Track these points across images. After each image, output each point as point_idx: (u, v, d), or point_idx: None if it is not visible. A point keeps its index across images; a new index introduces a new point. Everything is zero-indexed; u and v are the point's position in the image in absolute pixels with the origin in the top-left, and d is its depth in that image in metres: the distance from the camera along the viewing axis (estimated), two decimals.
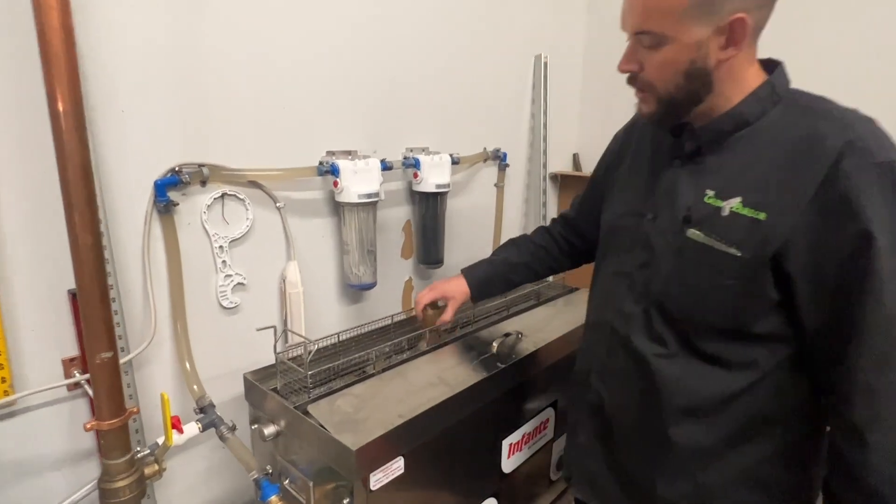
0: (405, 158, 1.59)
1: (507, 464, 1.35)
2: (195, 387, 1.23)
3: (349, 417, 1.02)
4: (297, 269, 1.40)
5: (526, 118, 2.12)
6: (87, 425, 0.94)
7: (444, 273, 1.85)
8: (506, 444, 1.32)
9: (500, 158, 1.98)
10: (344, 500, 0.98)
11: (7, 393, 1.02)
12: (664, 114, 0.79)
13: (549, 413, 1.47)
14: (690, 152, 0.80)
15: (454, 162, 1.68)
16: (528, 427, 1.39)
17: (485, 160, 1.93)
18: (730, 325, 0.76)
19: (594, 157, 2.27)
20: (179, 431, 1.11)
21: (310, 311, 1.44)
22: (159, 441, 1.09)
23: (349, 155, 1.42)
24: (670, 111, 0.78)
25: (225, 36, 1.20)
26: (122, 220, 1.13)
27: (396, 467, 1.02)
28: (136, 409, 1.00)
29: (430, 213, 1.66)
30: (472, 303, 1.27)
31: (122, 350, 1.13)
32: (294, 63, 1.33)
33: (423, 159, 1.58)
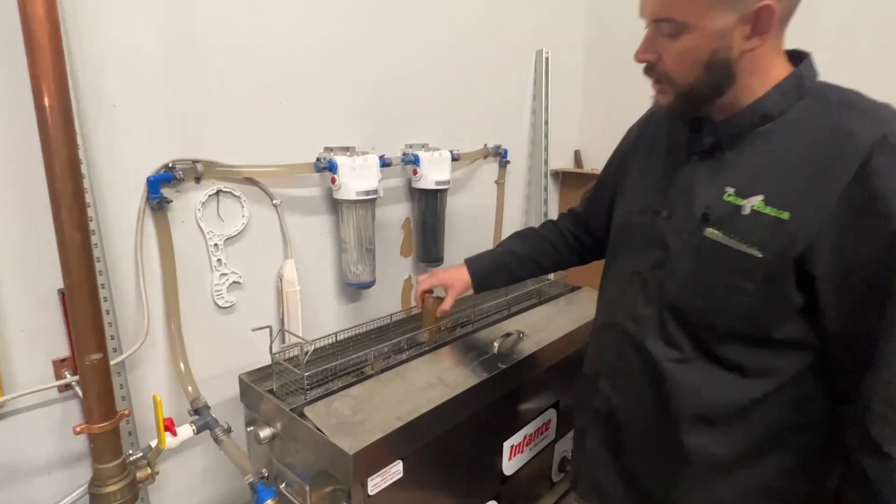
0: (404, 155, 1.57)
1: (509, 466, 1.32)
2: (190, 388, 1.21)
3: (346, 420, 0.99)
4: (295, 268, 1.37)
5: (527, 114, 2.09)
6: (77, 429, 0.91)
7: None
8: (507, 445, 1.30)
9: (500, 155, 1.96)
10: None
11: None
12: (682, 107, 0.75)
13: (550, 414, 1.45)
14: (709, 147, 0.76)
15: (454, 158, 1.65)
16: (529, 428, 1.37)
17: (485, 157, 1.90)
18: (748, 331, 0.73)
19: (596, 153, 2.30)
20: (173, 434, 1.08)
21: (307, 310, 1.42)
22: (152, 444, 1.07)
23: (347, 151, 1.40)
24: (689, 104, 0.75)
25: (220, 28, 1.17)
26: (114, 218, 1.10)
27: (395, 471, 1.00)
28: (127, 412, 0.97)
29: (429, 211, 1.63)
30: (472, 293, 1.23)
31: (114, 350, 1.11)
32: (292, 57, 1.30)
33: (422, 156, 1.55)
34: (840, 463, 0.74)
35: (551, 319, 1.52)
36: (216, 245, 1.25)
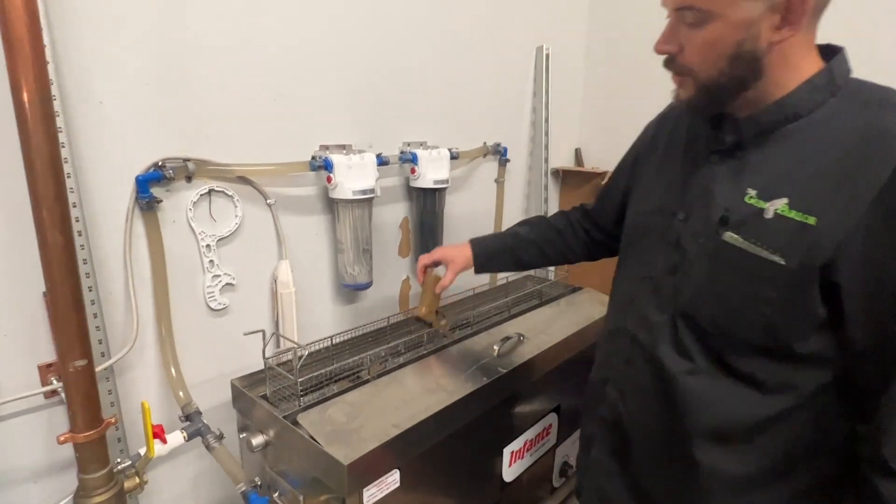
0: (402, 153, 1.53)
1: (509, 472, 1.29)
2: (181, 393, 1.17)
3: (342, 428, 0.96)
4: (289, 269, 1.34)
5: (527, 112, 2.06)
6: (61, 438, 0.88)
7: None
8: (507, 451, 1.27)
9: (500, 153, 1.92)
10: None
11: None
12: (704, 101, 0.71)
13: (552, 418, 1.42)
14: (730, 146, 0.72)
15: (453, 157, 1.62)
16: (530, 433, 1.33)
17: (484, 155, 1.87)
18: (767, 343, 0.68)
19: (597, 152, 2.26)
20: (163, 441, 1.05)
21: (302, 312, 1.39)
22: (141, 452, 1.04)
23: (343, 149, 1.37)
24: (711, 99, 0.70)
25: (212, 22, 1.13)
26: (102, 218, 1.07)
27: (392, 480, 0.97)
28: (113, 420, 0.93)
29: (428, 210, 1.60)
30: (473, 273, 1.19)
31: (102, 355, 1.08)
32: (286, 52, 1.26)
33: (420, 154, 1.52)
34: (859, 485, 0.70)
35: (552, 321, 1.48)
36: (208, 246, 1.22)
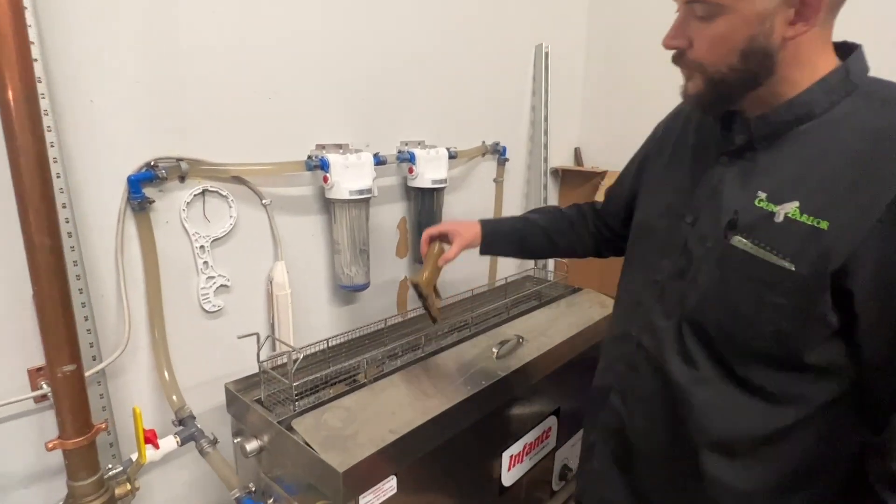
0: (400, 152, 1.51)
1: (508, 477, 1.27)
2: (174, 397, 1.15)
3: (337, 433, 0.94)
4: (285, 270, 1.32)
5: (526, 111, 2.03)
6: (49, 445, 0.86)
7: (442, 273, 1.78)
8: (506, 455, 1.25)
9: (499, 153, 1.90)
10: None
11: None
12: (713, 98, 0.68)
13: (551, 421, 1.40)
14: (741, 147, 0.69)
15: (451, 156, 1.60)
16: (529, 437, 1.32)
17: (483, 154, 1.85)
18: (776, 352, 0.66)
19: (597, 151, 2.24)
20: (155, 447, 1.03)
21: (298, 313, 1.37)
22: (133, 457, 1.02)
23: (340, 148, 1.35)
24: (720, 95, 0.67)
25: (205, 19, 1.11)
26: (93, 219, 1.05)
27: (388, 487, 0.95)
28: (104, 425, 0.91)
29: (426, 210, 1.58)
30: (479, 252, 1.15)
31: (93, 359, 1.06)
32: (281, 48, 1.24)
33: (418, 153, 1.50)
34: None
35: (552, 323, 1.46)
36: (202, 247, 1.20)
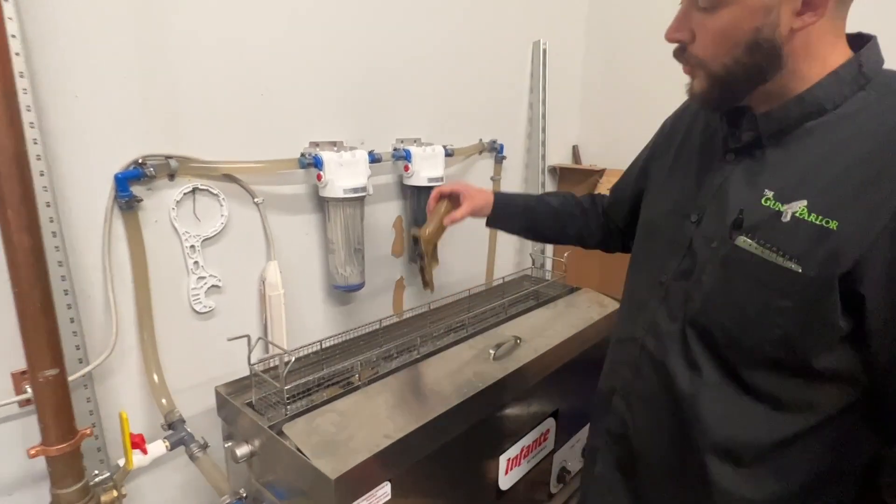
0: (395, 150, 1.49)
1: (505, 480, 1.25)
2: (163, 400, 1.13)
3: (329, 438, 0.91)
4: (278, 270, 1.29)
5: (524, 108, 2.01)
6: (32, 451, 0.83)
7: (439, 273, 1.75)
8: (503, 459, 1.22)
9: (496, 150, 1.88)
10: None
11: None
12: (718, 95, 0.66)
13: (549, 423, 1.37)
14: (748, 144, 0.67)
15: (448, 154, 1.58)
16: (527, 440, 1.29)
17: (480, 152, 1.82)
18: (783, 357, 0.63)
19: (595, 149, 2.22)
20: (143, 452, 1.00)
21: (292, 314, 1.34)
22: (121, 463, 0.99)
23: (334, 146, 1.32)
24: (725, 91, 0.65)
25: (195, 12, 1.08)
26: (79, 218, 1.02)
27: (382, 493, 0.92)
28: (89, 431, 0.89)
29: (422, 209, 1.55)
30: (486, 223, 1.14)
31: (80, 361, 1.03)
32: (273, 44, 1.21)
33: (414, 151, 1.47)
34: None
35: (550, 323, 1.44)
36: (193, 246, 1.17)
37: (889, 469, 0.61)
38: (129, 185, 1.05)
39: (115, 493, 0.95)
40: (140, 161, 1.06)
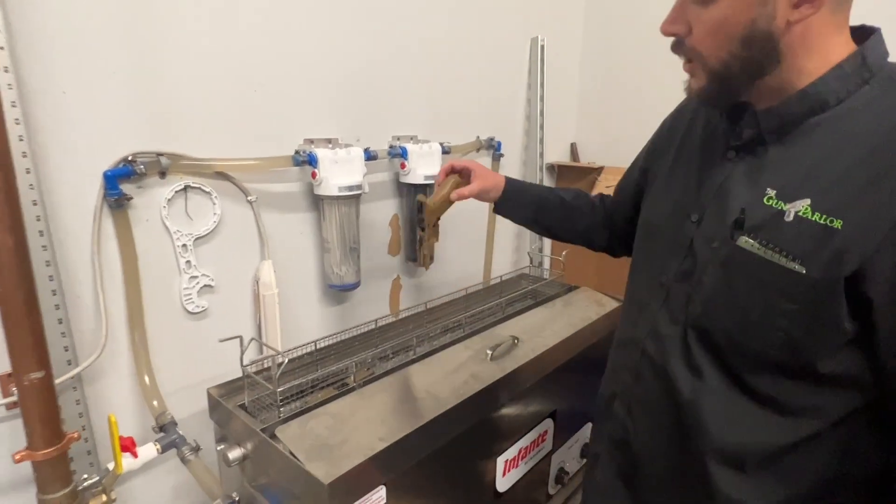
0: (391, 147, 1.47)
1: (502, 482, 1.23)
2: (155, 402, 1.11)
3: (323, 441, 0.89)
4: (272, 269, 1.27)
5: (521, 105, 1.99)
6: (17, 456, 0.81)
7: (436, 271, 1.74)
8: (501, 461, 1.21)
9: (493, 148, 1.86)
10: None
11: None
12: (716, 91, 0.64)
13: (547, 424, 1.36)
14: (749, 141, 0.65)
15: (445, 151, 1.56)
16: (525, 441, 1.28)
17: (478, 149, 1.80)
18: (787, 360, 0.62)
19: (593, 146, 2.20)
20: (133, 455, 0.98)
21: (286, 314, 1.32)
22: (110, 467, 0.97)
23: (329, 143, 1.30)
24: (723, 87, 0.64)
25: (188, 5, 1.06)
26: (67, 217, 1.00)
27: (377, 497, 0.90)
28: (76, 435, 0.87)
29: (418, 207, 1.53)
30: (494, 209, 1.12)
31: (68, 363, 1.01)
32: (267, 39, 1.19)
33: (410, 148, 1.45)
34: None
35: (548, 323, 1.42)
36: (185, 246, 1.15)
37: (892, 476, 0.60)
38: (119, 183, 1.02)
39: (104, 498, 0.93)
40: (130, 158, 1.04)
